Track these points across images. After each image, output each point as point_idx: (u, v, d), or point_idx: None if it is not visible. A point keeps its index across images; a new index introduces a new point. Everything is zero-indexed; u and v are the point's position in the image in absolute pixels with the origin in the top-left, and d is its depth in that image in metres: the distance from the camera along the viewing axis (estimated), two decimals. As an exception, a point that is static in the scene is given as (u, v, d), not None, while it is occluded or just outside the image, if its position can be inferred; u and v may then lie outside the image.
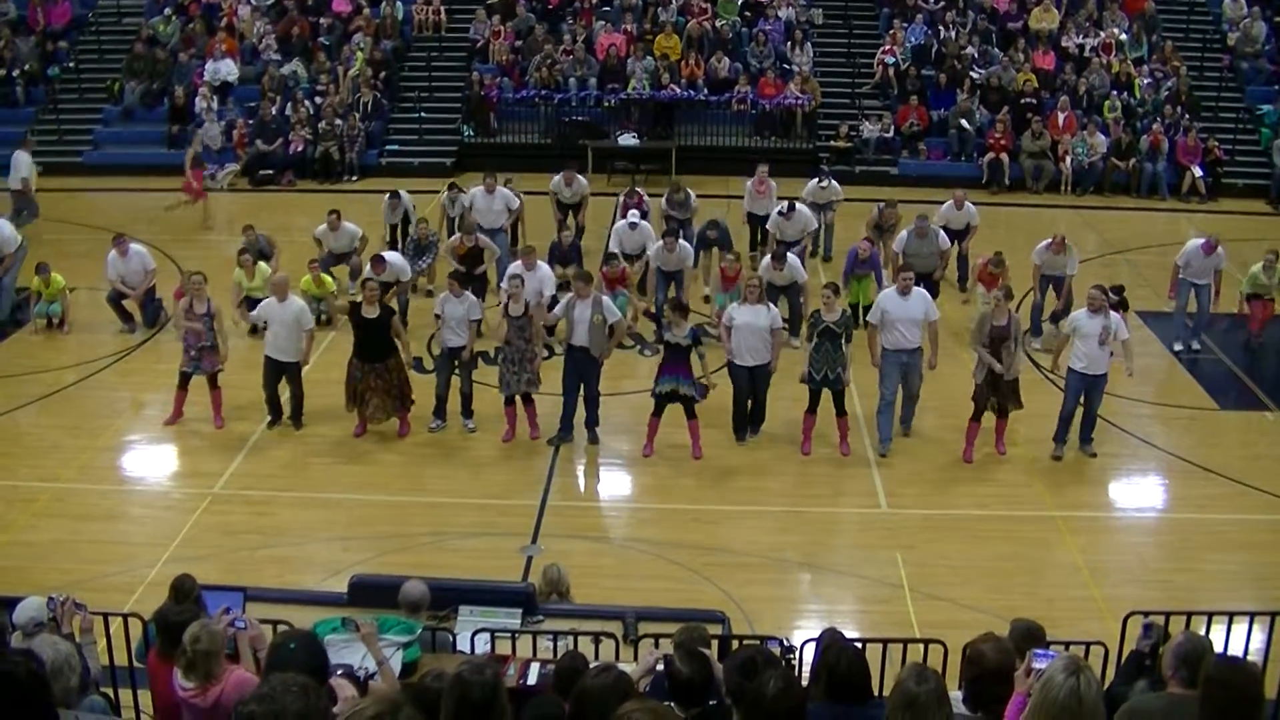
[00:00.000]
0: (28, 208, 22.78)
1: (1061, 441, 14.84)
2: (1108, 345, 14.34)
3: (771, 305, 15.27)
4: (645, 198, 20.40)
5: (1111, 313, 14.66)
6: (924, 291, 15.21)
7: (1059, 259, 17.61)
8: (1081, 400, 14.66)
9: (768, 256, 17.43)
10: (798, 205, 19.68)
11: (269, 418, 15.40)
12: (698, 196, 20.82)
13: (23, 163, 22.82)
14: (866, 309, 17.57)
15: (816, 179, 21.74)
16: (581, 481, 14.83)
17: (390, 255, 18.07)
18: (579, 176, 21.28)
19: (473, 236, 18.18)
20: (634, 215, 19.60)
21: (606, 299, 15.09)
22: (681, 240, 18.32)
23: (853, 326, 14.94)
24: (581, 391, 14.97)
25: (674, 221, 19.84)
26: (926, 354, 14.90)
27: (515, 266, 17.10)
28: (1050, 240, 17.76)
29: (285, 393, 15.43)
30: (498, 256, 18.69)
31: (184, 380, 15.27)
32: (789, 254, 17.40)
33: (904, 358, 14.67)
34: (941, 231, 18.72)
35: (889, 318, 14.61)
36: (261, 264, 18.01)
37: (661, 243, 18.08)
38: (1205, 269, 17.80)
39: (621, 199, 21.17)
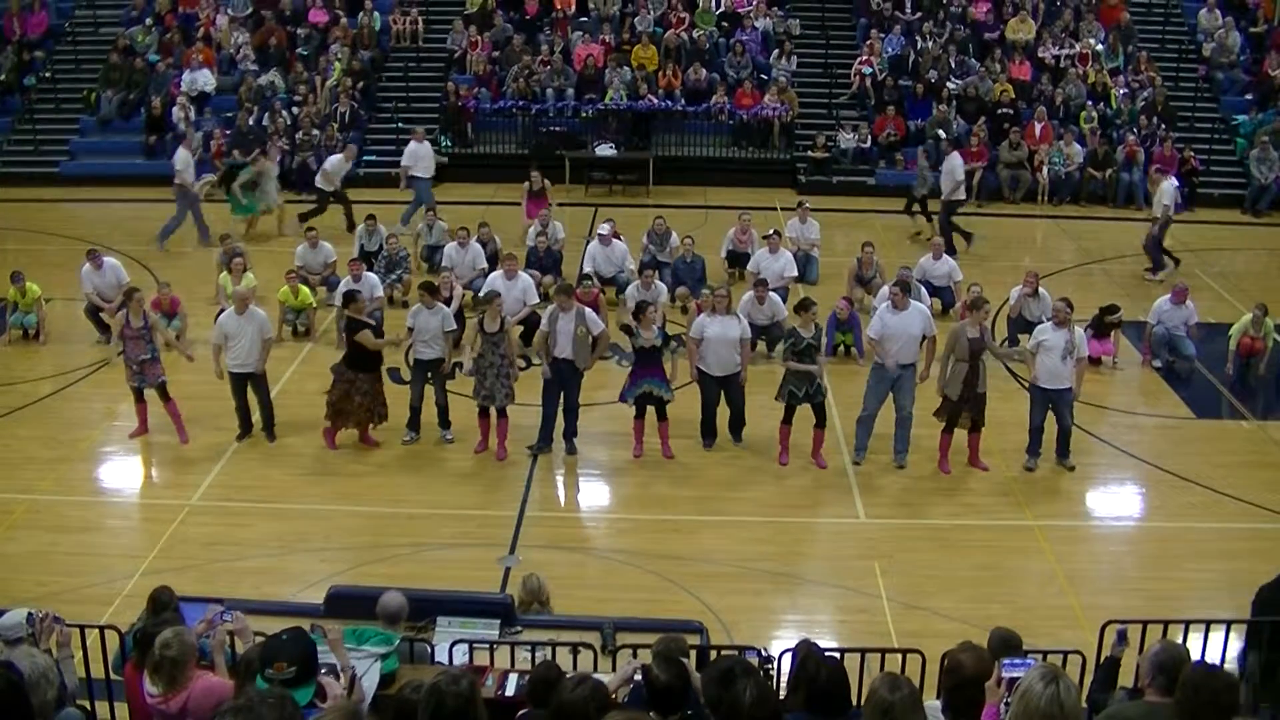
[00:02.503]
0: (426, 199, 23.43)
1: (1034, 454, 14.84)
2: (1070, 360, 14.36)
3: (741, 316, 15.24)
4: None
5: (1076, 328, 14.71)
6: (923, 307, 15.11)
7: (1033, 304, 17.55)
8: (1051, 414, 14.67)
9: (749, 293, 17.10)
10: (782, 249, 19.51)
11: (239, 430, 15.33)
12: (675, 207, 20.75)
13: (423, 153, 23.68)
14: (849, 349, 17.62)
15: (797, 218, 21.39)
16: (560, 492, 14.80)
17: (366, 274, 18.14)
18: (555, 220, 20.86)
19: (447, 284, 17.80)
20: (604, 227, 19.63)
21: (589, 311, 15.06)
22: (658, 281, 17.97)
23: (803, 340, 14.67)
24: (561, 402, 14.95)
25: (650, 256, 19.78)
26: (919, 368, 14.89)
27: (494, 278, 17.10)
28: (1024, 283, 17.73)
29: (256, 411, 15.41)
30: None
31: (137, 395, 15.20)
32: (770, 292, 17.22)
33: (895, 372, 14.56)
34: (923, 288, 18.16)
35: (888, 332, 14.43)
36: (249, 274, 18.04)
37: (639, 280, 17.94)
38: (1177, 321, 17.87)
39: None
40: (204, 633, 7.54)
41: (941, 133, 26.86)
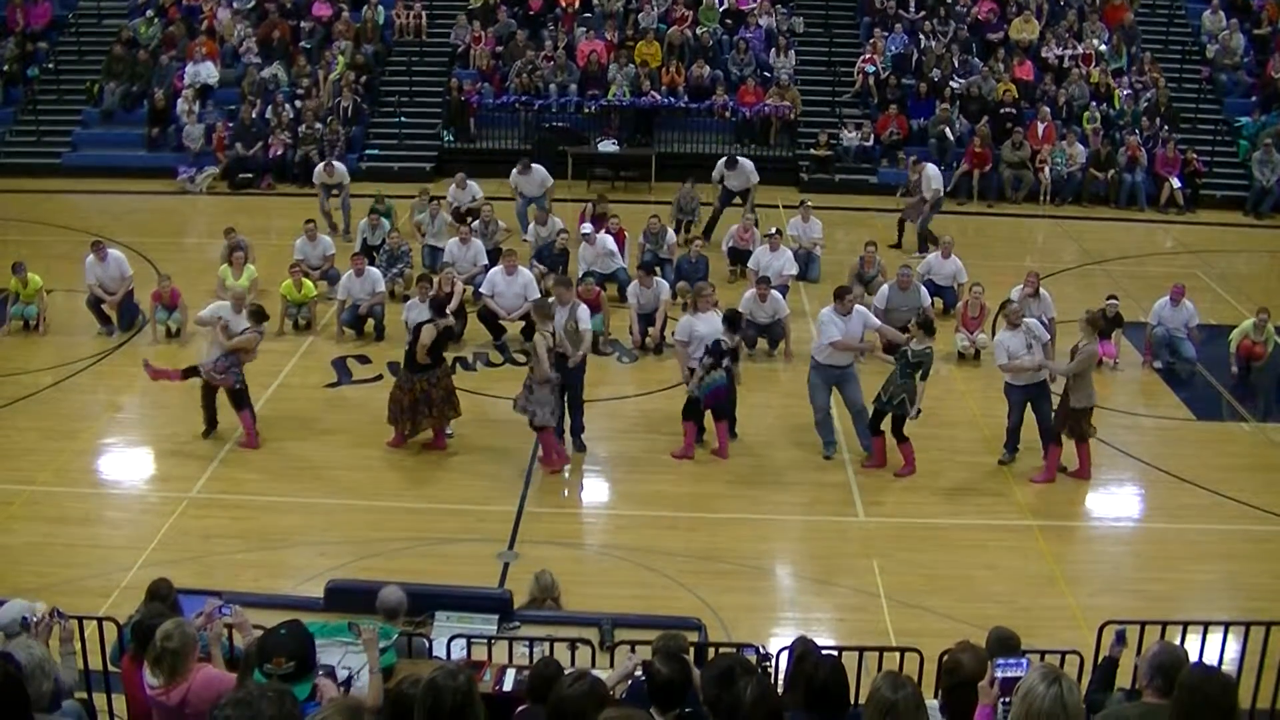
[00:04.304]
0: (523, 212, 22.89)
1: (1011, 450, 14.84)
2: (1036, 348, 14.29)
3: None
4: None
5: (1027, 320, 14.68)
6: (863, 309, 15.06)
7: (1034, 305, 17.42)
8: (1032, 413, 14.60)
9: (750, 290, 17.19)
10: (782, 246, 19.52)
11: (204, 427, 15.14)
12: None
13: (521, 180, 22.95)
14: None
15: (799, 216, 21.47)
16: (560, 487, 14.79)
17: (368, 269, 18.17)
18: (553, 216, 20.95)
19: (449, 280, 17.79)
20: (586, 227, 19.67)
21: (584, 308, 15.04)
22: (658, 278, 18.03)
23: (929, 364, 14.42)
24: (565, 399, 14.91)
25: (650, 254, 19.79)
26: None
27: (494, 274, 17.09)
28: (1025, 283, 17.53)
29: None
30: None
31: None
32: (772, 290, 17.26)
33: (835, 373, 14.65)
34: (924, 287, 18.14)
35: (850, 331, 14.51)
36: (250, 266, 18.07)
37: (637, 279, 17.96)
38: (1177, 322, 17.85)
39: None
40: (202, 626, 7.54)
41: (946, 130, 26.89)
